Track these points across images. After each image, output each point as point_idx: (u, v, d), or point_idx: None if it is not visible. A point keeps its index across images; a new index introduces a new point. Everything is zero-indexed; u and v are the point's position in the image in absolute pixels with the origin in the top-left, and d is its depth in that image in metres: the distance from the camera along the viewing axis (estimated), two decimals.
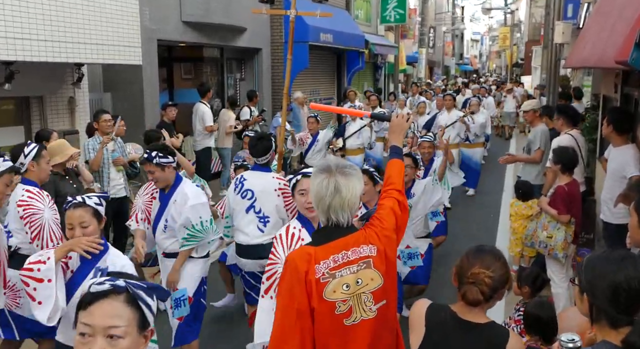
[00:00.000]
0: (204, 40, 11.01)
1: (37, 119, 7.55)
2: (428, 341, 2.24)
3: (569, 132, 6.39)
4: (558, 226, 5.09)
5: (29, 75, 6.85)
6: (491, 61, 75.31)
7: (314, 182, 2.46)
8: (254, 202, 4.61)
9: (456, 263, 2.28)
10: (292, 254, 2.46)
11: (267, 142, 4.70)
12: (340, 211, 2.42)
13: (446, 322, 2.23)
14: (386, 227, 2.52)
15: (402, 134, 2.87)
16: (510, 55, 46.48)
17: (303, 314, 2.35)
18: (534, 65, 28.00)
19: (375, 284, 2.43)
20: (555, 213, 5.08)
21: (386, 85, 24.70)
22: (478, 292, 2.17)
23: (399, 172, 2.74)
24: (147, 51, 9.08)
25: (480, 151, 11.10)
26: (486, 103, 15.79)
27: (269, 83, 13.72)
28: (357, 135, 9.94)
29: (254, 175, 4.72)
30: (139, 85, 9.55)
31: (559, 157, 5.24)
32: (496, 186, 11.65)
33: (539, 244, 5.23)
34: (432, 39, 36.44)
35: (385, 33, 23.39)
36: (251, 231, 4.61)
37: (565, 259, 5.12)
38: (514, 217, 6.60)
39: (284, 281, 2.42)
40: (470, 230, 8.31)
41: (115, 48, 7.47)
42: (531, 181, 6.86)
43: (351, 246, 2.42)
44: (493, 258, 2.22)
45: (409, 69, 29.60)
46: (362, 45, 17.98)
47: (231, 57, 13.15)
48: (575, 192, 5.21)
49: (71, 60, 6.94)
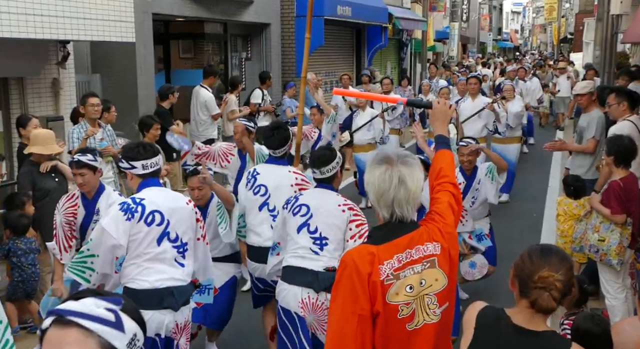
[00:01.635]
0: (205, 14, 11.03)
1: (17, 104, 7.62)
2: (474, 346, 2.29)
3: (628, 118, 6.30)
4: (612, 227, 5.04)
5: (7, 54, 6.90)
6: (535, 36, 74.73)
7: (373, 174, 2.51)
8: (267, 199, 4.62)
9: (516, 264, 2.29)
10: (350, 255, 2.50)
11: (285, 132, 4.72)
12: (405, 204, 2.48)
13: (497, 327, 2.27)
14: (448, 223, 2.61)
15: (446, 122, 2.95)
16: (557, 30, 46.05)
17: (365, 319, 2.40)
18: (585, 41, 27.75)
19: (439, 285, 2.50)
20: (608, 212, 5.02)
21: (412, 65, 24.62)
22: (550, 298, 2.19)
23: (450, 164, 2.82)
24: (140, 27, 9.11)
25: (516, 148, 10.31)
26: (526, 88, 14.45)
27: (278, 63, 13.73)
28: (368, 127, 9.37)
29: (268, 169, 4.73)
30: (132, 65, 9.59)
31: (612, 147, 5.18)
32: (540, 180, 11.56)
33: (589, 249, 5.16)
34: (466, 12, 36.17)
35: (411, 5, 23.30)
36: (264, 231, 4.61)
37: (620, 266, 5.07)
38: (562, 217, 6.53)
39: (341, 284, 2.45)
40: (510, 231, 8.26)
41: (105, 23, 7.50)
42: (581, 175, 6.78)
43: (415, 244, 2.49)
44: (560, 260, 2.24)
45: (439, 46, 29.46)
46: (384, 19, 17.93)
47: (236, 33, 13.17)
48: (633, 188, 5.13)
49: (55, 37, 6.98)
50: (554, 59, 30.84)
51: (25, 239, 5.60)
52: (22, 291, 5.55)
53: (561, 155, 13.16)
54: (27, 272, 5.54)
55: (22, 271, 5.53)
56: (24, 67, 7.51)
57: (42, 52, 7.69)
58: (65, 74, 8.19)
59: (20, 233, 5.58)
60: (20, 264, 5.52)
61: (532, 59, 34.25)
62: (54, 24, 6.73)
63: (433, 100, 3.07)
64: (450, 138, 3.03)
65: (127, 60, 9.53)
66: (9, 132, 7.44)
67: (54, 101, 8.06)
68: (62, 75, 8.10)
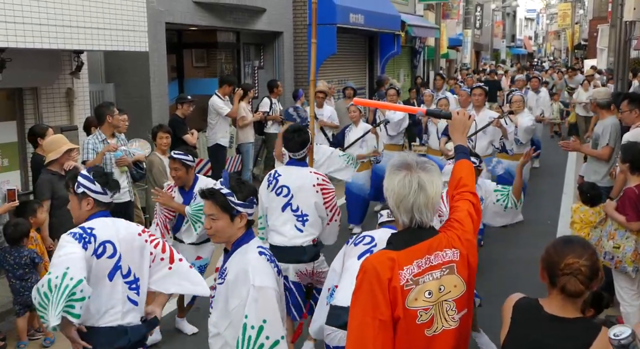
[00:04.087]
0: (218, 23, 11.08)
1: (31, 114, 7.67)
2: (513, 335, 2.44)
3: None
4: (627, 234, 5.00)
5: (22, 64, 6.95)
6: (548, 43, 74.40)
7: (392, 181, 2.56)
8: (290, 200, 4.80)
9: (542, 258, 2.45)
10: (370, 260, 2.53)
11: (304, 134, 4.92)
12: (425, 210, 2.53)
13: (532, 316, 2.42)
14: (467, 230, 2.66)
15: (465, 133, 3.03)
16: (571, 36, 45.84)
17: (386, 325, 2.42)
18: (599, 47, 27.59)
19: (458, 292, 2.55)
20: (624, 220, 4.98)
21: (425, 72, 24.58)
22: (577, 282, 2.34)
23: (470, 173, 2.90)
24: (154, 36, 9.16)
25: (526, 166, 9.46)
26: (535, 99, 12.99)
27: (291, 72, 13.75)
28: (360, 144, 8.44)
29: (290, 170, 4.91)
30: (145, 74, 9.64)
31: (628, 154, 5.14)
32: (555, 186, 11.49)
33: (604, 256, 5.13)
34: (479, 19, 36.12)
35: (424, 13, 23.28)
36: (288, 231, 4.79)
37: (636, 273, 5.03)
38: (578, 224, 6.46)
39: (361, 290, 2.47)
40: (526, 237, 8.22)
41: (119, 33, 7.55)
42: (597, 182, 6.73)
43: (434, 250, 2.53)
44: (583, 247, 2.40)
45: (452, 53, 29.38)
46: (397, 27, 17.90)
47: (248, 42, 13.21)
48: None
49: (69, 47, 7.03)
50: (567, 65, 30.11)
51: (17, 251, 5.45)
52: (19, 303, 5.49)
53: (575, 161, 13.08)
54: (15, 286, 5.47)
55: (12, 283, 5.49)
56: (38, 77, 7.55)
57: (56, 62, 7.74)
58: (79, 84, 8.24)
59: (13, 242, 5.46)
60: (10, 276, 5.48)
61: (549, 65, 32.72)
62: (67, 34, 6.78)
63: (452, 111, 3.15)
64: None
65: (141, 69, 9.58)
66: (23, 143, 7.47)
67: (67, 110, 8.11)
68: (76, 85, 8.16)
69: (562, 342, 2.34)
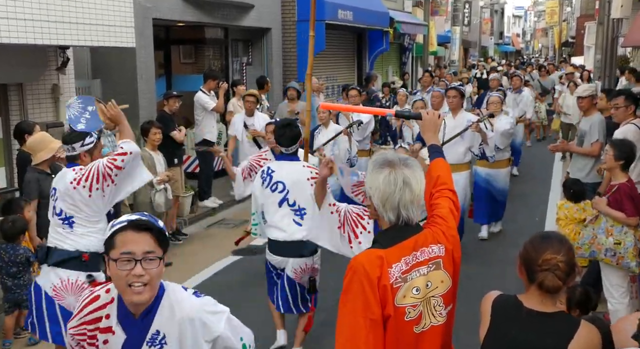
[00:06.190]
0: (206, 19, 11.02)
1: (16, 110, 7.59)
2: (492, 332, 2.47)
3: (632, 122, 6.26)
4: (625, 229, 4.95)
5: (6, 60, 6.89)
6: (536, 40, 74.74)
7: (377, 179, 2.55)
8: (286, 195, 4.83)
9: (520, 254, 2.47)
10: (359, 259, 2.51)
11: (295, 129, 4.94)
12: (411, 206, 2.54)
13: (511, 312, 2.45)
14: (451, 226, 2.68)
15: (436, 132, 3.06)
16: (558, 33, 46.08)
17: (377, 324, 2.43)
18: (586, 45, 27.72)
19: (445, 287, 2.57)
20: (622, 215, 4.94)
21: (414, 69, 24.59)
22: (555, 278, 2.37)
23: (447, 171, 2.92)
24: (141, 32, 9.09)
25: (505, 173, 8.54)
26: (514, 99, 11.92)
27: (279, 68, 13.72)
28: (331, 146, 7.92)
29: (283, 165, 4.92)
30: (132, 71, 9.58)
31: (623, 152, 5.10)
32: (541, 184, 11.52)
33: (604, 253, 5.04)
34: (468, 16, 36.15)
35: (412, 9, 23.28)
36: (287, 226, 4.83)
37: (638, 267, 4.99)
38: (563, 221, 6.49)
39: (351, 289, 2.46)
40: (512, 235, 8.24)
41: (105, 28, 7.49)
42: (581, 178, 6.75)
43: (420, 246, 2.54)
44: (560, 243, 2.42)
45: (441, 50, 29.43)
46: (386, 23, 17.91)
47: (237, 38, 13.16)
48: (636, 191, 5.11)
49: (54, 43, 6.97)
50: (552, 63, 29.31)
51: (13, 248, 5.39)
52: (9, 301, 5.43)
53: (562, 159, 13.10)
54: (7, 284, 5.41)
55: (3, 280, 5.42)
56: (24, 73, 7.48)
57: (41, 57, 7.67)
58: (65, 80, 8.16)
59: (10, 239, 5.40)
60: (2, 273, 5.40)
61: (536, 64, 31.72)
62: (53, 29, 6.72)
63: (422, 111, 3.18)
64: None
65: (128, 65, 9.52)
66: (8, 139, 7.39)
67: (53, 106, 8.03)
68: (62, 81, 8.08)
69: (543, 337, 2.37)
